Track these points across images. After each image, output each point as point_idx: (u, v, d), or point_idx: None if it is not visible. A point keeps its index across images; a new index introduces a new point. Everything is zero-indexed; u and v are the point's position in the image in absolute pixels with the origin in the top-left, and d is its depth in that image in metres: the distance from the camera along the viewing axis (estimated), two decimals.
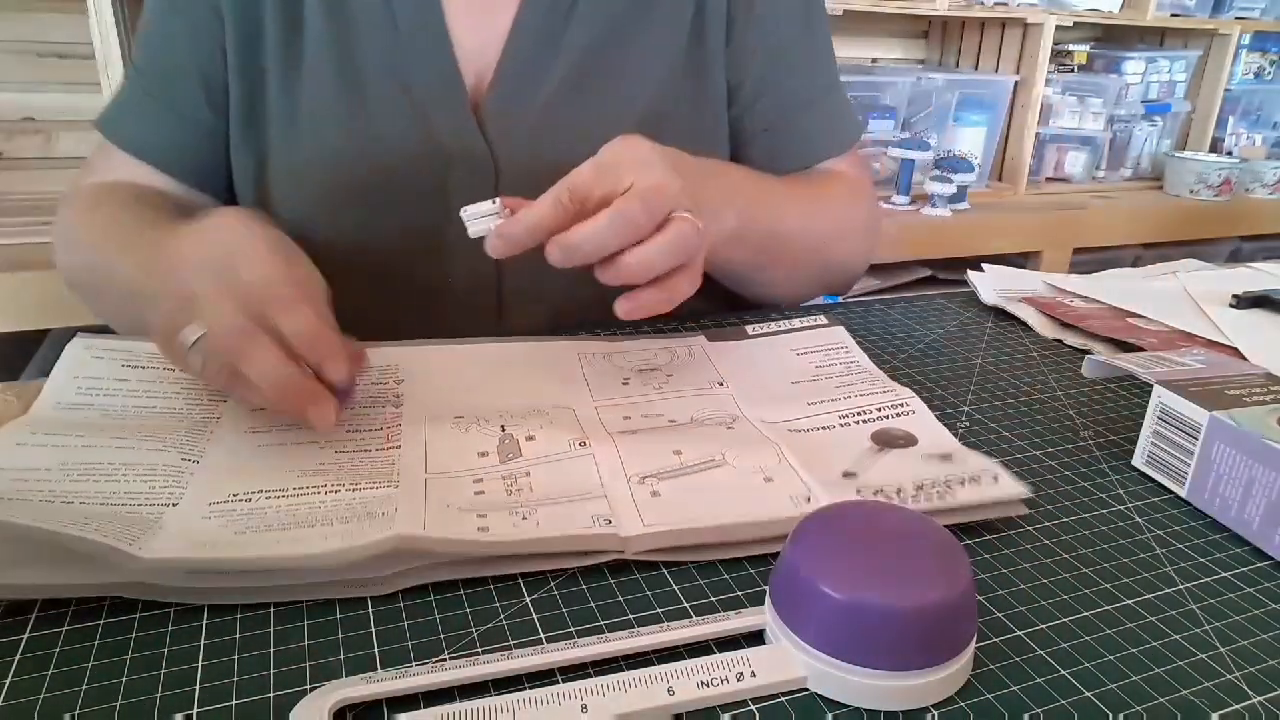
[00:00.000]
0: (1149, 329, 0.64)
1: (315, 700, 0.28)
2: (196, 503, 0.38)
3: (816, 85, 0.71)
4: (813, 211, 0.66)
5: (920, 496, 0.40)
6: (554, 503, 0.39)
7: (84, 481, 0.38)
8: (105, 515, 0.36)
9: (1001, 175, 2.22)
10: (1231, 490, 0.41)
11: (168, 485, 0.39)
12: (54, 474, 0.39)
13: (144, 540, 0.34)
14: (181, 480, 0.40)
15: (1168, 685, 0.31)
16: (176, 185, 0.66)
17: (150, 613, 0.33)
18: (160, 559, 0.33)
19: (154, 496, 0.38)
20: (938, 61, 2.33)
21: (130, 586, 0.33)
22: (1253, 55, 2.48)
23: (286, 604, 0.34)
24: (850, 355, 0.56)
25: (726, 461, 0.42)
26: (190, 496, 0.38)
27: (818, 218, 0.66)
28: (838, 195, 0.69)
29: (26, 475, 0.38)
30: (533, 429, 0.45)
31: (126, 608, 0.33)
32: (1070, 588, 0.37)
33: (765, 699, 0.30)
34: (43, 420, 0.44)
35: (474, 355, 0.54)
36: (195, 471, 0.40)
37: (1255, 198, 2.32)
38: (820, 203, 0.67)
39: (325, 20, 0.62)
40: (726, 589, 0.36)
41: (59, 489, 0.38)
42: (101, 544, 0.32)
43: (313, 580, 0.34)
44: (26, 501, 0.36)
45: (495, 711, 0.28)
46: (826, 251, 0.68)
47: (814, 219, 0.66)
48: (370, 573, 0.34)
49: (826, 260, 0.69)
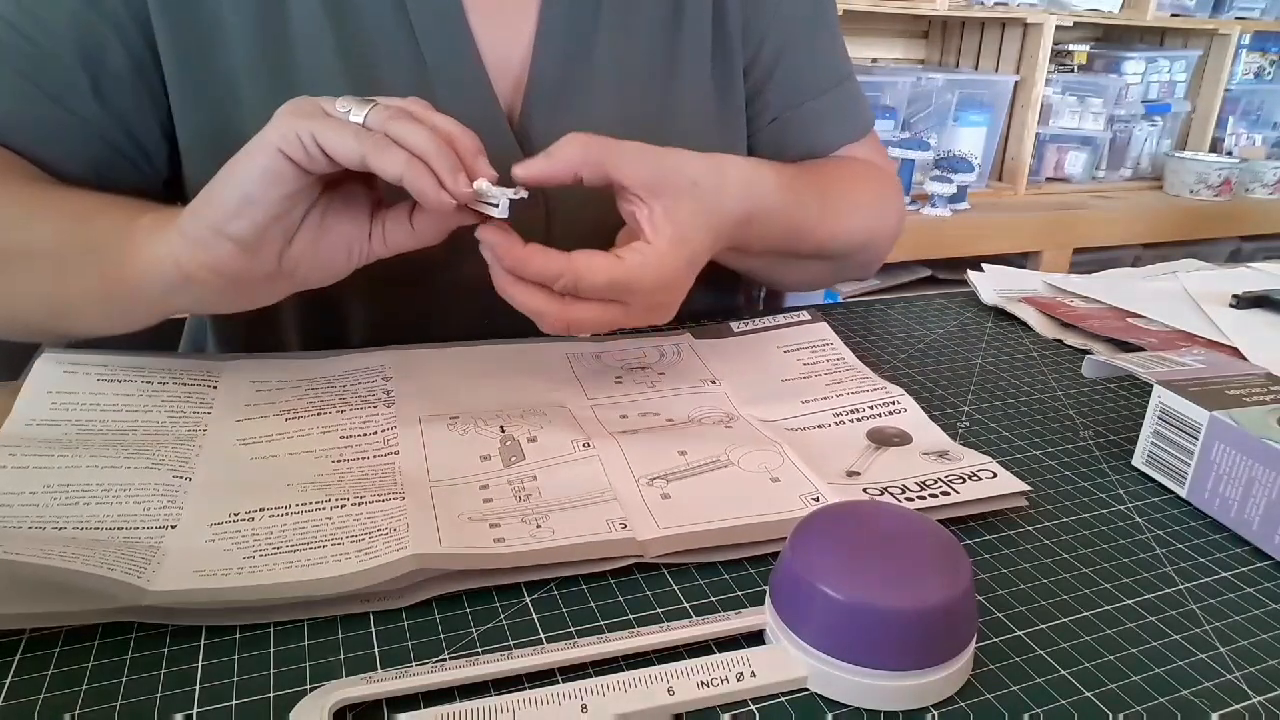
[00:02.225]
0: (1149, 329, 0.64)
1: (315, 700, 0.28)
2: (197, 524, 0.37)
3: (827, 75, 0.69)
4: (852, 217, 0.63)
5: (925, 493, 0.40)
6: (565, 507, 0.38)
7: (73, 505, 0.37)
8: (102, 542, 0.34)
9: (1001, 175, 2.22)
10: (1231, 490, 0.41)
11: (163, 506, 0.38)
12: (39, 498, 0.37)
13: (149, 571, 0.33)
14: (176, 500, 0.38)
15: (1168, 685, 0.31)
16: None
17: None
18: (170, 592, 0.32)
19: (149, 519, 0.37)
20: (938, 61, 2.33)
21: (133, 611, 0.32)
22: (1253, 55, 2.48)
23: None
24: (836, 352, 0.57)
25: (732, 462, 0.42)
26: (188, 518, 0.37)
27: (857, 222, 0.63)
28: (869, 190, 0.66)
29: (10, 500, 0.37)
30: (533, 430, 0.45)
31: None
32: (1070, 588, 0.37)
33: (765, 699, 0.30)
34: (16, 440, 0.41)
35: (461, 356, 0.54)
36: (189, 490, 0.39)
37: (1255, 198, 2.32)
38: (858, 204, 0.64)
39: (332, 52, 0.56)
40: (726, 589, 0.36)
41: (48, 514, 0.36)
42: (107, 578, 0.31)
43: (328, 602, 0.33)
44: (16, 529, 0.35)
45: (495, 711, 0.28)
46: (862, 251, 0.66)
47: (854, 226, 0.63)
48: (386, 588, 0.34)
49: (860, 257, 0.67)
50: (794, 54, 0.67)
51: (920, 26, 2.32)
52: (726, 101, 0.66)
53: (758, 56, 0.66)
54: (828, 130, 0.70)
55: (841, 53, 0.71)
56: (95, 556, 0.32)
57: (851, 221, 0.63)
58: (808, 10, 0.68)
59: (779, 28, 0.66)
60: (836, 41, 0.71)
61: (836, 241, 0.61)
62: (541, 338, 0.56)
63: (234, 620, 0.33)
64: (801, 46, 0.67)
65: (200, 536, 0.36)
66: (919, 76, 2.04)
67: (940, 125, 2.08)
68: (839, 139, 0.70)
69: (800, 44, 0.67)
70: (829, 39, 0.70)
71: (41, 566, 0.31)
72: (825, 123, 0.69)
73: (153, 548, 0.35)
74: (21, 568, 0.31)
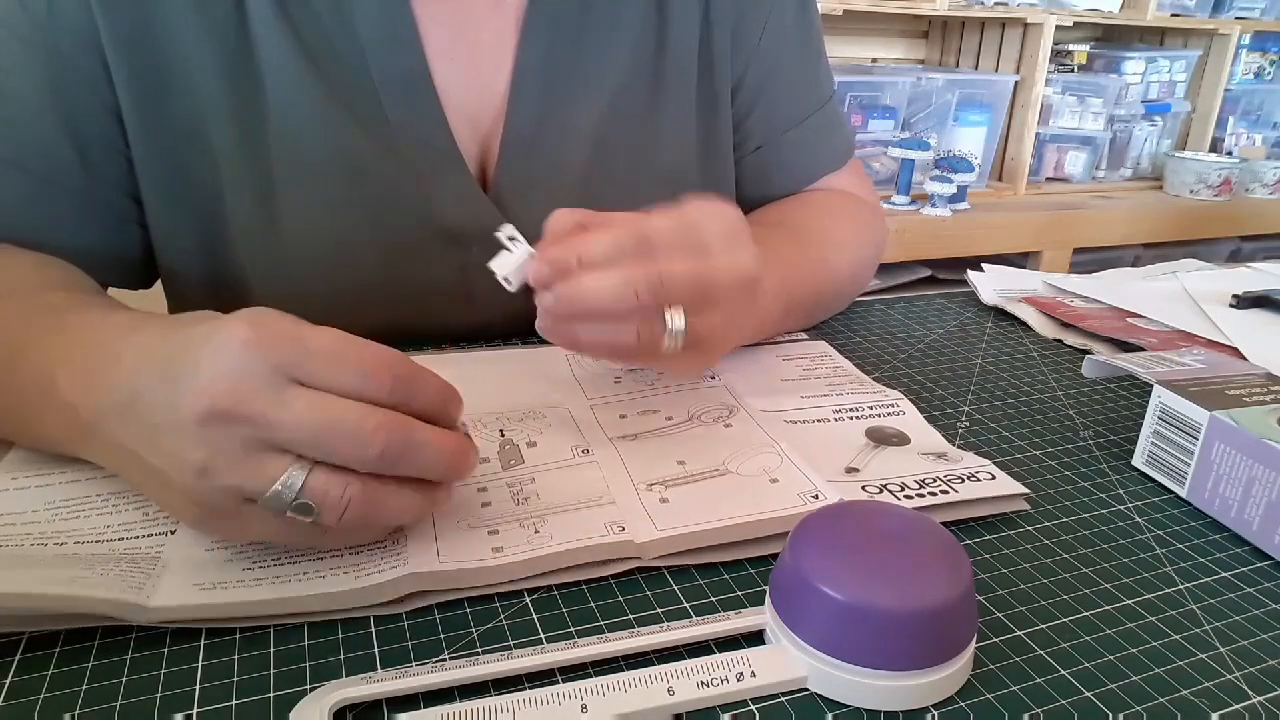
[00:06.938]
0: (1149, 329, 0.64)
1: (315, 700, 0.28)
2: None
3: (810, 99, 0.68)
4: (835, 269, 0.63)
5: (924, 491, 0.40)
6: (563, 511, 0.38)
7: (74, 519, 0.37)
8: (103, 556, 0.34)
9: (1001, 175, 2.22)
10: (1231, 490, 0.41)
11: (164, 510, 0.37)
12: (40, 515, 0.37)
13: (149, 586, 0.33)
14: None
15: (1168, 685, 0.31)
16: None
17: None
18: (171, 607, 0.32)
19: (150, 524, 0.37)
20: (938, 61, 2.33)
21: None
22: (1253, 55, 2.48)
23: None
24: (835, 362, 0.57)
25: (730, 470, 0.42)
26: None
27: (841, 271, 0.63)
28: (847, 229, 0.66)
29: (13, 519, 0.37)
30: (533, 434, 0.45)
31: None
32: (1070, 588, 0.37)
33: (765, 699, 0.30)
34: (19, 463, 0.41)
35: (460, 360, 0.54)
36: None
37: (1255, 198, 2.32)
38: (842, 247, 0.64)
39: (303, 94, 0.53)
40: (726, 589, 0.36)
41: (49, 529, 0.36)
42: (108, 600, 0.31)
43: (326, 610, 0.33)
44: (18, 548, 0.35)
45: (495, 711, 0.28)
46: (848, 293, 0.67)
47: (841, 278, 0.63)
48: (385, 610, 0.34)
49: (844, 295, 0.67)
50: (778, 79, 0.66)
51: (920, 26, 2.32)
52: (710, 135, 0.65)
53: (742, 83, 0.65)
54: (810, 160, 0.69)
55: (825, 72, 0.70)
56: (94, 577, 0.32)
57: (835, 273, 0.62)
58: (794, 31, 0.66)
59: (765, 51, 0.65)
60: (820, 60, 0.70)
61: (821, 299, 0.62)
62: (541, 341, 0.56)
63: (233, 621, 0.33)
64: (785, 71, 0.66)
65: (200, 544, 0.36)
66: (919, 76, 2.05)
67: (940, 125, 2.09)
68: (821, 169, 0.69)
69: (784, 68, 0.66)
70: (813, 58, 0.69)
71: (41, 596, 0.31)
72: (807, 152, 0.69)
73: (153, 558, 0.35)
74: (22, 600, 0.31)
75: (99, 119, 0.52)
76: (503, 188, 0.58)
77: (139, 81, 0.51)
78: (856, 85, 1.97)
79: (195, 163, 0.54)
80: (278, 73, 0.53)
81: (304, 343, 0.31)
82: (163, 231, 0.56)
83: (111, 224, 0.55)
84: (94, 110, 0.52)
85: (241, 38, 0.52)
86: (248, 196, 0.54)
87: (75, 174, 0.52)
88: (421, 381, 0.33)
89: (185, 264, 0.57)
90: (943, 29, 2.30)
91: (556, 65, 0.58)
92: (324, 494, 0.31)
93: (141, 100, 0.52)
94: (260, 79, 0.53)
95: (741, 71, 0.65)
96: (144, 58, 0.51)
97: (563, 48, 0.58)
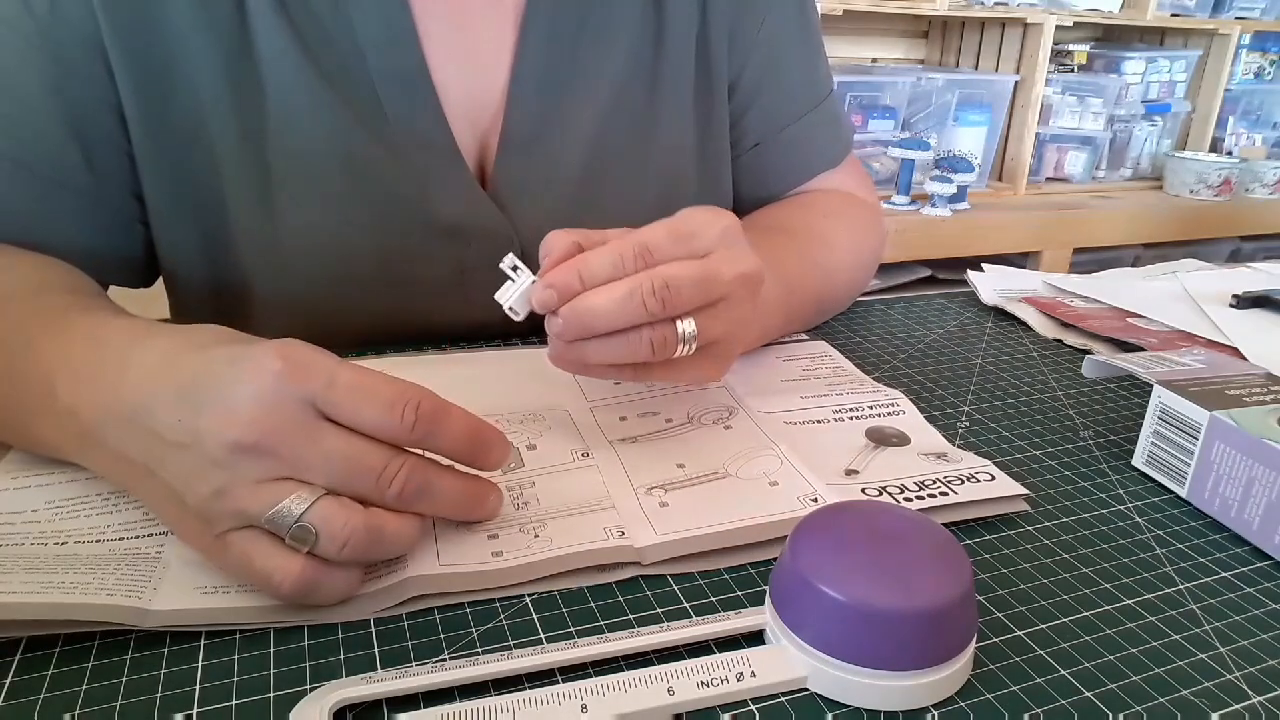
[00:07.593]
0: (1149, 329, 0.64)
1: (315, 700, 0.28)
2: None
3: (808, 96, 0.68)
4: (839, 272, 0.63)
5: (924, 493, 0.40)
6: (563, 515, 0.38)
7: (74, 518, 0.37)
8: (103, 558, 0.34)
9: (1001, 175, 2.22)
10: (1231, 490, 0.41)
11: None
12: (40, 514, 0.37)
13: (150, 589, 0.33)
14: None
15: (1168, 685, 0.31)
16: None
17: None
18: (173, 612, 0.32)
19: (151, 524, 0.37)
20: (938, 61, 2.33)
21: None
22: (1253, 55, 2.48)
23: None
24: (835, 362, 0.56)
25: (729, 473, 0.42)
26: None
27: (843, 273, 0.64)
28: (845, 230, 0.66)
29: (13, 519, 0.37)
30: (533, 437, 0.45)
31: None
32: (1070, 588, 0.37)
33: (765, 699, 0.30)
34: (21, 462, 0.41)
35: (458, 362, 0.54)
36: None
37: (1255, 198, 2.32)
38: (842, 254, 0.64)
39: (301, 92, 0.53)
40: (726, 589, 0.36)
41: (49, 529, 0.36)
42: (108, 606, 0.31)
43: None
44: (19, 546, 0.35)
45: (495, 711, 0.28)
46: (847, 296, 0.67)
47: (840, 281, 0.63)
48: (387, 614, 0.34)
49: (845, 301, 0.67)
50: (776, 77, 0.66)
51: (920, 26, 2.32)
52: (708, 132, 0.65)
53: (740, 80, 0.65)
54: (807, 158, 0.69)
55: (823, 69, 0.70)
56: (95, 582, 0.32)
57: (834, 278, 0.63)
58: (793, 27, 0.66)
59: (763, 48, 0.65)
60: (818, 57, 0.69)
61: (822, 304, 0.62)
62: (541, 341, 0.56)
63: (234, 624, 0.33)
64: (784, 68, 0.66)
65: None
66: (919, 76, 2.05)
67: (940, 125, 2.09)
68: (818, 166, 0.69)
69: (783, 66, 0.66)
70: (811, 56, 0.68)
71: (41, 604, 0.31)
72: (805, 150, 0.69)
73: (153, 558, 0.35)
74: (21, 609, 0.31)
75: (102, 118, 0.52)
76: (501, 185, 0.58)
77: (141, 80, 0.52)
78: (856, 85, 1.97)
79: (196, 161, 0.54)
80: (278, 71, 0.53)
81: (332, 376, 0.32)
82: (164, 229, 0.56)
83: (116, 222, 0.55)
84: (97, 109, 0.52)
85: (242, 36, 0.52)
86: (248, 194, 0.55)
87: (81, 173, 0.52)
88: (447, 419, 0.33)
89: (186, 262, 0.57)
90: (943, 29, 2.30)
91: (555, 63, 0.58)
92: (326, 522, 0.31)
93: (143, 99, 0.52)
94: (260, 77, 0.53)
95: (739, 68, 0.65)
96: (145, 56, 0.51)
97: (561, 46, 0.58)
